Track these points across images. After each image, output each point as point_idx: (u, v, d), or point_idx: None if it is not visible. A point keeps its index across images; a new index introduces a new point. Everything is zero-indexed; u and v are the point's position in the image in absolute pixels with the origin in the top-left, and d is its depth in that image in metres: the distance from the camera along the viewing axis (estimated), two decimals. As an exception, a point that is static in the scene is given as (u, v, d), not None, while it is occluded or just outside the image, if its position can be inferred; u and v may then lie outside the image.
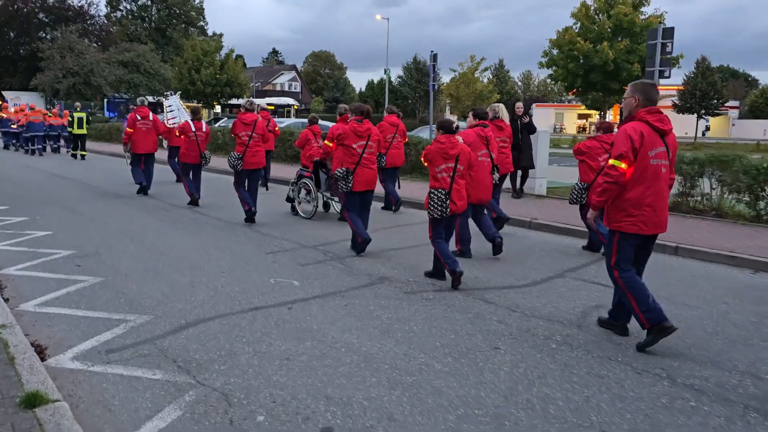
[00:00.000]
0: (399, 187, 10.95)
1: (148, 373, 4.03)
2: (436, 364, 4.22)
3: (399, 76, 68.89)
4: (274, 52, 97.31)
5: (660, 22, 15.01)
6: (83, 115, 21.55)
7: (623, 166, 4.32)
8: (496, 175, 7.47)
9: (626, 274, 4.51)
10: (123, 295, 5.68)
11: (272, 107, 38.93)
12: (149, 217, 9.83)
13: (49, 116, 24.27)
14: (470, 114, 7.66)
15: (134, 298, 5.60)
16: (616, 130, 5.85)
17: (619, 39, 12.22)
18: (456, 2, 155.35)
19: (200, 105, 35.20)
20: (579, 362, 4.29)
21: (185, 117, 11.43)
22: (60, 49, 39.71)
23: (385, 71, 44.41)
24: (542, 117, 68.41)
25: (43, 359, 4.18)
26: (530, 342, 4.66)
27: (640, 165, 4.34)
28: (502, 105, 8.85)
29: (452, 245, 6.87)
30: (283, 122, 21.12)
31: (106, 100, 39.65)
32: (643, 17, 18.04)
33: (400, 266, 6.88)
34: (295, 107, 45.45)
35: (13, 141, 24.91)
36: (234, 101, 33.88)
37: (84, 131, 21.54)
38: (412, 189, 12.49)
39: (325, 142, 8.02)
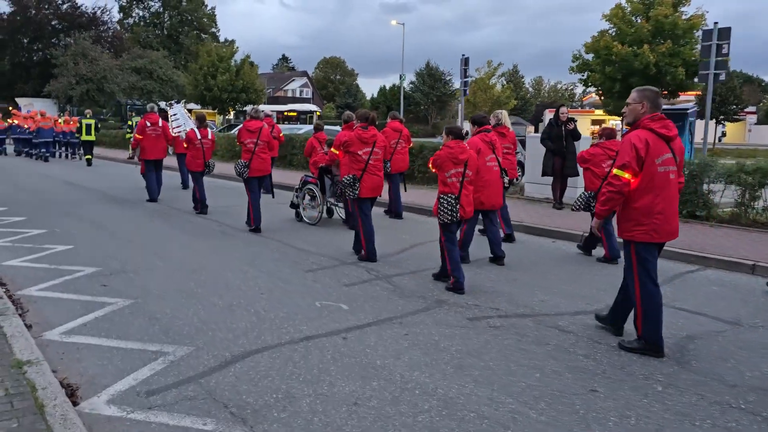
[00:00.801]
0: (405, 190, 10.89)
1: (198, 422, 3.46)
2: (530, 412, 3.62)
3: (411, 82, 68.47)
4: (284, 59, 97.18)
5: (703, 22, 14.41)
6: (92, 122, 21.49)
7: (626, 176, 4.29)
8: (506, 179, 7.44)
9: (648, 288, 4.45)
10: (156, 321, 5.13)
11: (294, 113, 38.54)
12: (173, 230, 9.30)
13: (60, 123, 24.20)
14: (470, 122, 7.71)
15: (169, 325, 5.05)
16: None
17: (661, 41, 11.72)
18: (465, 9, 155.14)
19: (215, 111, 34.89)
20: (696, 410, 3.68)
21: (190, 125, 11.28)
22: (73, 56, 39.49)
23: (401, 77, 43.97)
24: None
25: (75, 403, 3.62)
26: (629, 383, 4.05)
27: (647, 174, 4.29)
28: (504, 111, 8.58)
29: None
30: (302, 129, 20.66)
31: (128, 107, 39.36)
32: (684, 17, 17.45)
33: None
34: (318, 113, 44.76)
35: (26, 148, 24.86)
36: (249, 108, 33.51)
37: (92, 138, 21.42)
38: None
39: (332, 149, 7.91)
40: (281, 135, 13.28)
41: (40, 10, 45.52)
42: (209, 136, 11.05)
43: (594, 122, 70.23)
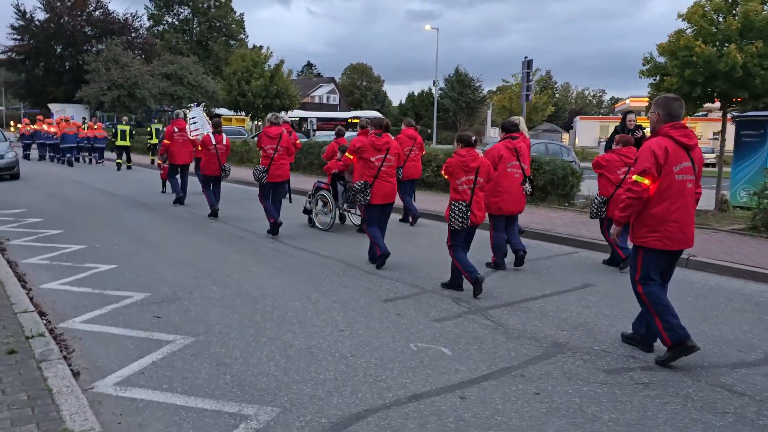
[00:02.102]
0: (414, 200, 10.72)
1: None
2: None
3: (440, 88, 67.57)
4: (309, 65, 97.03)
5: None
6: (127, 128, 21.76)
7: (646, 182, 4.29)
8: (528, 187, 7.38)
9: (651, 289, 4.46)
10: (227, 369, 4.25)
11: (357, 120, 37.70)
12: (224, 247, 8.47)
13: (84, 129, 24.36)
14: (500, 127, 7.80)
15: (243, 375, 4.16)
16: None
17: (750, 41, 10.65)
18: (490, 16, 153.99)
19: (247, 116, 34.32)
20: None
21: (207, 129, 11.18)
22: (105, 62, 39.36)
23: (434, 82, 42.99)
24: (586, 130, 66.20)
25: (144, 498, 2.74)
26: None
27: (664, 181, 4.30)
28: (521, 118, 8.31)
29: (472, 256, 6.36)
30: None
31: (152, 113, 39.12)
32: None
33: (563, 323, 5.33)
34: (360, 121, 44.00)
35: (51, 153, 25.17)
36: (283, 114, 32.76)
37: (127, 143, 21.59)
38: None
39: (346, 154, 8.04)
40: (298, 142, 13.37)
41: (73, 17, 45.64)
42: (224, 142, 11.01)
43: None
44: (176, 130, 12.58)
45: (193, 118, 11.72)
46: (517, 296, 6.22)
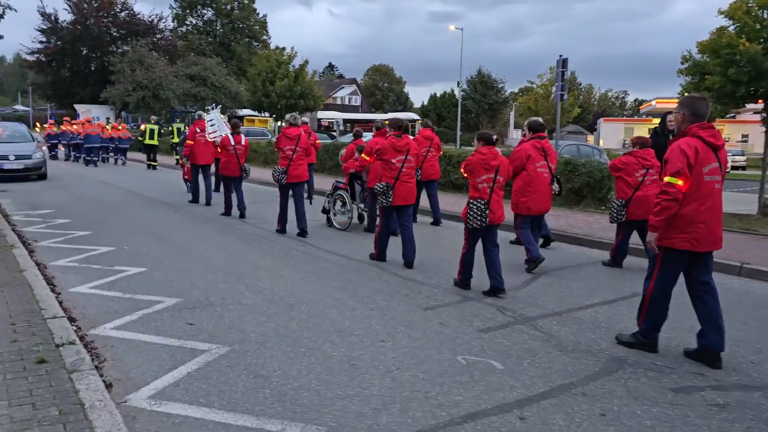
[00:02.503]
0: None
1: None
2: None
3: (463, 90, 67.08)
4: (330, 67, 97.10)
5: None
6: (155, 127, 22.33)
7: (680, 183, 4.19)
8: (556, 186, 7.42)
9: (661, 289, 4.49)
10: (266, 382, 4.00)
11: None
12: (253, 250, 8.25)
13: (108, 129, 24.80)
14: (525, 127, 7.76)
15: (283, 389, 3.90)
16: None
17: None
18: (512, 17, 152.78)
19: (272, 117, 34.25)
20: None
21: (225, 130, 11.30)
22: (130, 62, 39.63)
23: (458, 83, 42.54)
24: (611, 132, 65.12)
25: None
26: None
27: (694, 181, 4.24)
28: (539, 119, 8.09)
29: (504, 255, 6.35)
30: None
31: (175, 114, 39.30)
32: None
33: (613, 333, 4.99)
34: (419, 121, 42.43)
35: (75, 153, 25.50)
36: (309, 115, 32.49)
37: (155, 142, 22.09)
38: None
39: (362, 155, 7.99)
40: (318, 142, 13.51)
41: (99, 18, 46.07)
42: (242, 142, 11.13)
43: (651, 131, 67.51)
44: (198, 130, 12.72)
45: (210, 120, 11.82)
46: (565, 305, 5.89)
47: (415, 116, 42.44)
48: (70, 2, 45.62)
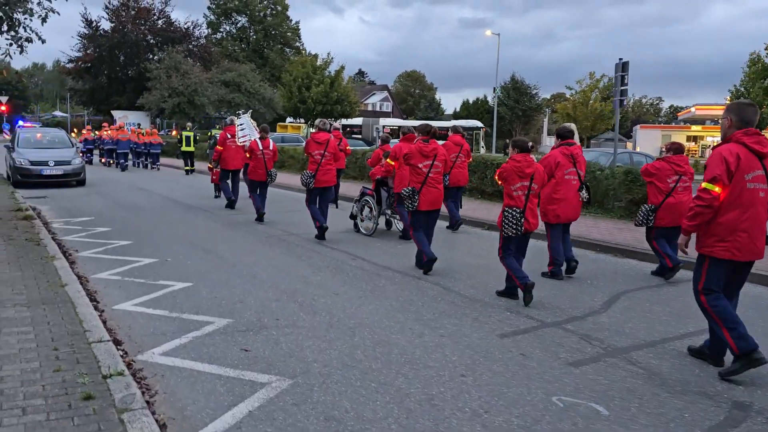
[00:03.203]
0: (461, 207, 10.65)
1: None
2: None
3: (496, 96, 66.14)
4: (360, 73, 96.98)
5: None
6: (191, 134, 22.61)
7: (716, 189, 4.13)
8: (585, 194, 7.29)
9: (714, 301, 4.29)
10: (339, 426, 3.50)
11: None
12: (302, 263, 7.79)
13: (143, 134, 25.47)
14: (555, 134, 7.68)
15: (360, 435, 3.39)
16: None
17: None
18: (544, 23, 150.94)
19: (306, 123, 34.03)
20: None
21: (255, 135, 11.44)
22: (166, 69, 39.96)
23: (494, 90, 41.70)
24: (648, 139, 63.23)
25: None
26: None
27: (735, 188, 4.13)
28: (573, 125, 8.06)
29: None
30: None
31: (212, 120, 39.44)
32: None
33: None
34: (484, 129, 40.65)
35: (108, 158, 26.09)
36: (344, 121, 31.98)
37: (192, 149, 22.43)
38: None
39: (387, 160, 8.04)
40: (348, 148, 13.49)
41: (136, 26, 46.66)
42: (270, 147, 11.20)
43: (689, 138, 65.72)
44: (229, 136, 12.84)
45: (241, 124, 11.99)
46: (656, 333, 5.27)
47: (478, 123, 40.70)
48: (108, 10, 46.34)
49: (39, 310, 5.20)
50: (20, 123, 25.87)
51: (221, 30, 63.42)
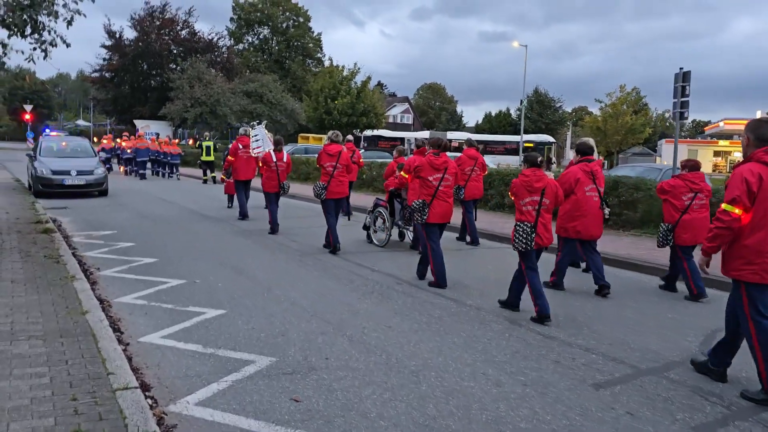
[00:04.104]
0: (476, 219, 10.54)
1: None
2: None
3: (518, 109, 65.35)
4: (380, 85, 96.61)
5: None
6: (211, 143, 22.64)
7: (736, 211, 4.01)
8: (607, 210, 7.20)
9: (764, 327, 4.04)
10: None
11: (530, 144, 35.12)
12: (343, 288, 7.06)
13: (167, 144, 25.53)
14: (575, 150, 7.65)
15: None
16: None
17: None
18: (564, 37, 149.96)
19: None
20: None
21: (269, 147, 11.31)
22: (189, 79, 39.81)
23: (521, 102, 40.81)
24: (673, 153, 61.96)
25: None
26: None
27: (759, 209, 3.99)
28: (591, 139, 8.02)
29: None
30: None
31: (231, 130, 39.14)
32: None
33: None
34: (554, 143, 39.02)
35: (126, 167, 26.24)
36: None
37: (212, 158, 22.44)
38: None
39: (401, 173, 8.08)
40: (361, 160, 13.50)
41: (160, 36, 46.73)
42: (284, 159, 11.14)
43: (716, 154, 64.11)
44: (240, 146, 12.86)
45: (255, 135, 11.82)
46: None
47: (549, 138, 38.74)
48: (133, 20, 46.48)
49: (56, 344, 4.52)
50: (47, 131, 25.56)
51: (243, 41, 63.46)
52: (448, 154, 7.90)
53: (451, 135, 38.80)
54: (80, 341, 4.61)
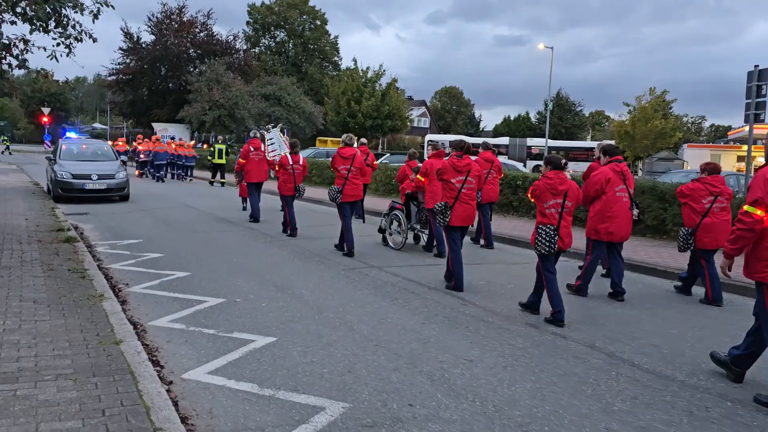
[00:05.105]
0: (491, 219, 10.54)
1: None
2: None
3: (538, 112, 64.38)
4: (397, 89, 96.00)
5: None
6: (223, 147, 22.51)
7: (758, 212, 3.99)
8: (636, 211, 7.14)
9: None
10: None
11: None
12: (401, 309, 6.26)
13: (184, 146, 25.55)
14: (600, 151, 7.59)
15: None
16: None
17: None
18: (579, 40, 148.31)
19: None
20: None
21: (285, 150, 11.50)
22: (207, 82, 39.31)
23: (545, 103, 39.73)
24: (697, 158, 60.49)
25: None
26: None
27: None
28: (612, 142, 7.10)
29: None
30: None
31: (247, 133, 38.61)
32: None
33: None
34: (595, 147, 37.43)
35: (145, 169, 25.77)
36: (493, 141, 30.04)
37: (223, 161, 22.44)
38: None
39: (417, 176, 8.07)
40: (375, 163, 13.40)
41: (179, 38, 46.29)
42: (300, 162, 11.11)
43: (740, 159, 62.55)
44: (252, 149, 12.91)
45: (270, 139, 11.93)
46: None
47: (592, 144, 36.55)
48: (150, 23, 46.13)
49: (89, 386, 3.77)
50: (68, 134, 24.91)
51: (260, 44, 63.06)
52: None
53: (491, 141, 37.52)
54: (117, 381, 3.86)
